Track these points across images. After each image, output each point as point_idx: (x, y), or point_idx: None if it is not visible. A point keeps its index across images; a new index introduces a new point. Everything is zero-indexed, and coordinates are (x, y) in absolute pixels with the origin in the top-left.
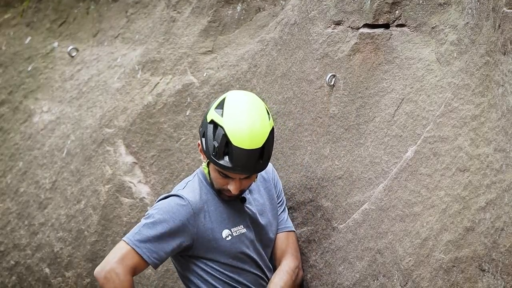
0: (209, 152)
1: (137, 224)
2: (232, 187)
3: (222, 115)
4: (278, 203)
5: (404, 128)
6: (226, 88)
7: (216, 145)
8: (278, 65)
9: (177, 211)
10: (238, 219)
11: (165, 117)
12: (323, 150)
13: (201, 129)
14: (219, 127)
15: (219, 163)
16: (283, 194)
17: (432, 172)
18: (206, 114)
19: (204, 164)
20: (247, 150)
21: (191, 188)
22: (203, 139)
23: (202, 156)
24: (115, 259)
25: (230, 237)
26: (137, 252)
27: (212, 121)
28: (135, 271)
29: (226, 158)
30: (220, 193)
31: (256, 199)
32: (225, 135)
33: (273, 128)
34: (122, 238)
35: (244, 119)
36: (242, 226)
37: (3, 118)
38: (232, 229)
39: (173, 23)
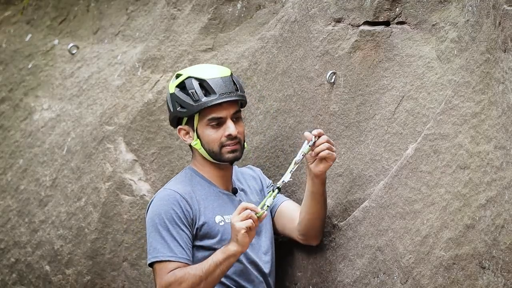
0: (191, 106)
1: (149, 241)
2: (231, 129)
3: (183, 74)
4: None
5: (404, 126)
6: None
7: (193, 91)
8: (279, 63)
9: (171, 203)
10: (230, 209)
11: (166, 115)
12: None
13: (172, 109)
14: (186, 80)
15: (205, 102)
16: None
17: (432, 170)
18: (169, 95)
19: (194, 140)
20: (220, 78)
21: (177, 180)
22: (180, 109)
23: (188, 139)
24: (157, 284)
25: (223, 223)
26: (169, 260)
27: (177, 86)
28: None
29: (208, 95)
30: (222, 156)
31: (247, 195)
32: (196, 78)
33: None
34: (148, 263)
35: (203, 64)
36: None
37: (3, 115)
38: (224, 216)
39: (173, 20)
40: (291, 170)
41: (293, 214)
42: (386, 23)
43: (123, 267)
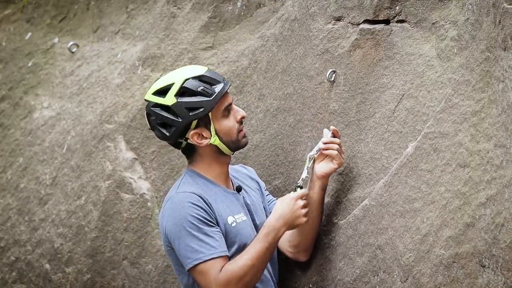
0: (208, 101)
1: (182, 246)
2: (241, 111)
3: (174, 83)
4: (267, 195)
5: (404, 124)
6: None
7: (202, 88)
8: (279, 61)
9: (192, 204)
10: (238, 207)
11: None
12: None
13: (181, 118)
14: (185, 84)
15: (221, 91)
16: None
17: (432, 168)
18: (166, 109)
19: (213, 137)
20: (208, 70)
21: (186, 184)
22: (193, 113)
23: (205, 140)
24: (211, 284)
25: (235, 224)
26: (213, 258)
27: (176, 95)
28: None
29: (214, 86)
30: (239, 142)
31: (248, 193)
32: (193, 78)
33: None
34: (190, 267)
35: (180, 69)
36: (243, 214)
37: (3, 114)
38: (235, 216)
39: (173, 19)
40: (307, 166)
41: None
42: (386, 22)
43: (123, 266)
